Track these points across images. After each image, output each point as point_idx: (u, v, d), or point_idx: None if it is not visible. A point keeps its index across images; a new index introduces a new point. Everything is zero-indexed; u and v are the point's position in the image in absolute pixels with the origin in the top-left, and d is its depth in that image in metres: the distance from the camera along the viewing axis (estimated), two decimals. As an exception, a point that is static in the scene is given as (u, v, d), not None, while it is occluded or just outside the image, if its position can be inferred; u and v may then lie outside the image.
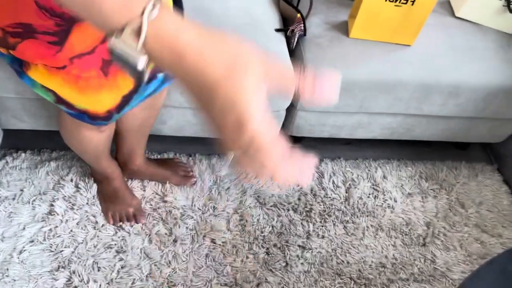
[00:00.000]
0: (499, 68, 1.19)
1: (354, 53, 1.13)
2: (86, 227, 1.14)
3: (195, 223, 1.19)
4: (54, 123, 1.16)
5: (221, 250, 1.15)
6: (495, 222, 1.35)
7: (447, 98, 1.19)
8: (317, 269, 1.16)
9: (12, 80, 1.00)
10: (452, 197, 1.39)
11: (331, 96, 0.41)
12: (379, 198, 1.34)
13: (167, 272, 1.09)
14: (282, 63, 0.40)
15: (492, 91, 1.20)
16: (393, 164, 1.45)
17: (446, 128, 1.34)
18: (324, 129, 1.27)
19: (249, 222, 1.21)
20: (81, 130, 0.90)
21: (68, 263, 1.08)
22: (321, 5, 1.24)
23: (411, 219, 1.30)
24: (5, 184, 1.20)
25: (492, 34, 1.26)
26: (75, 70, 0.67)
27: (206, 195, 1.25)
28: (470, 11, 1.27)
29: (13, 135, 1.28)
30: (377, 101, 1.17)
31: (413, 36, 1.15)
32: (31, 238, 1.10)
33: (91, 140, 0.95)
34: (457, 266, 1.22)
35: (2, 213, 1.14)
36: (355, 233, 1.24)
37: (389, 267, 1.19)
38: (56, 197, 1.18)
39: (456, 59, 1.17)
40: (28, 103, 1.09)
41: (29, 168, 1.24)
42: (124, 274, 1.07)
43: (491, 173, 1.50)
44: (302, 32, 1.14)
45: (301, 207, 1.27)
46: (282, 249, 1.18)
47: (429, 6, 1.07)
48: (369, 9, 1.09)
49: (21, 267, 1.06)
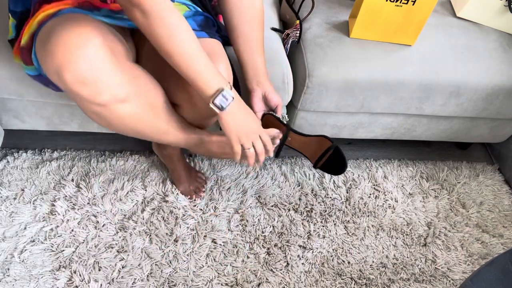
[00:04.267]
0: (500, 68, 1.19)
1: (354, 53, 1.13)
2: (87, 226, 1.14)
3: (196, 223, 1.19)
4: (54, 124, 1.16)
5: (221, 250, 1.15)
6: (496, 222, 1.35)
7: (448, 98, 1.19)
8: (318, 269, 1.16)
9: (14, 82, 1.01)
10: (453, 197, 1.39)
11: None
12: (380, 198, 1.34)
13: (168, 272, 1.09)
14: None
15: (493, 91, 1.20)
16: (394, 164, 1.45)
17: (447, 128, 1.34)
18: (324, 129, 1.27)
19: (250, 222, 1.21)
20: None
21: (69, 263, 1.08)
22: (321, 5, 1.24)
23: (412, 219, 1.30)
24: (6, 184, 1.20)
25: (493, 34, 1.26)
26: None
27: (207, 195, 1.25)
28: (471, 11, 1.27)
29: (15, 135, 1.29)
30: (378, 101, 1.17)
31: (414, 36, 1.15)
32: (32, 237, 1.11)
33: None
34: (458, 266, 1.22)
35: (3, 212, 1.14)
36: (356, 233, 1.24)
37: (390, 267, 1.19)
38: (57, 196, 1.18)
39: (457, 59, 1.17)
40: (29, 104, 1.09)
41: (30, 168, 1.24)
42: (125, 274, 1.08)
43: (492, 173, 1.50)
44: (296, 38, 1.15)
45: (302, 207, 1.27)
46: (283, 249, 1.18)
47: (430, 6, 1.07)
48: (370, 9, 1.09)
49: (22, 267, 1.06)
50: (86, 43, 0.69)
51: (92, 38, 0.70)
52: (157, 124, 0.89)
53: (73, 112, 1.13)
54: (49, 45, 0.69)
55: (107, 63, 0.72)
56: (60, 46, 0.68)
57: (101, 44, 0.71)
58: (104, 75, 0.72)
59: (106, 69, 0.72)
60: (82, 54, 0.69)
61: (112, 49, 0.74)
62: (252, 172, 1.33)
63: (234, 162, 1.35)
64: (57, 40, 0.69)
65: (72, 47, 0.68)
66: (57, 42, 0.69)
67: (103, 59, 0.71)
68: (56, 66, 0.69)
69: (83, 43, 0.69)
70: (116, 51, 0.75)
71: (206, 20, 0.94)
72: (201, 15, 0.93)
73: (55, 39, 0.69)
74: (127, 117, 0.82)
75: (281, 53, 1.12)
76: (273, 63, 1.07)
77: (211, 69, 0.80)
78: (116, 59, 0.74)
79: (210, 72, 0.79)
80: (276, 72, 1.07)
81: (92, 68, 0.70)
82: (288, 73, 1.10)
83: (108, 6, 0.82)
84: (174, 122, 0.93)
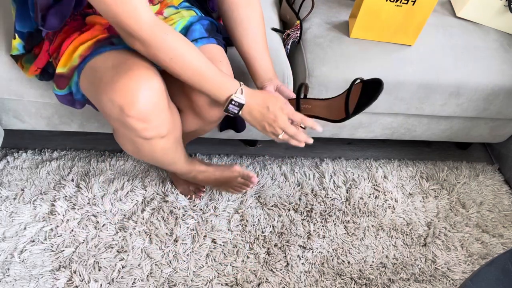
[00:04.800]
0: (500, 68, 1.19)
1: (354, 53, 1.13)
2: (87, 226, 1.14)
3: (195, 223, 1.19)
4: (54, 124, 1.16)
5: (221, 250, 1.15)
6: (496, 222, 1.35)
7: (448, 98, 1.19)
8: (317, 269, 1.16)
9: (14, 82, 1.01)
10: (453, 197, 1.39)
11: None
12: (380, 198, 1.34)
13: (167, 272, 1.09)
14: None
15: (493, 91, 1.20)
16: (394, 164, 1.45)
17: (447, 128, 1.34)
18: (325, 128, 1.27)
19: (250, 222, 1.21)
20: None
21: (69, 263, 1.08)
22: (321, 5, 1.24)
23: (412, 219, 1.30)
24: (6, 184, 1.20)
25: (493, 34, 1.26)
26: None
27: (207, 195, 1.25)
28: (471, 11, 1.27)
29: (15, 135, 1.29)
30: (378, 101, 1.17)
31: (414, 36, 1.15)
32: (32, 237, 1.11)
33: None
34: (458, 266, 1.22)
35: (3, 212, 1.14)
36: (356, 233, 1.24)
37: (390, 267, 1.19)
38: (57, 197, 1.18)
39: (457, 59, 1.17)
40: (29, 104, 1.09)
41: (30, 168, 1.24)
42: (125, 274, 1.08)
43: (492, 173, 1.50)
44: (296, 39, 1.15)
45: (301, 207, 1.27)
46: (283, 249, 1.18)
47: (430, 6, 1.07)
48: (370, 9, 1.09)
49: (22, 267, 1.06)
50: (151, 84, 0.77)
51: (154, 79, 0.78)
52: (175, 155, 0.98)
53: (73, 112, 1.13)
54: (110, 88, 0.76)
55: (164, 101, 0.81)
56: (122, 91, 0.76)
57: (160, 84, 0.79)
58: (161, 114, 0.81)
59: (163, 108, 0.81)
60: (148, 94, 0.77)
61: (164, 89, 0.82)
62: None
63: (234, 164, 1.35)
64: (118, 84, 0.76)
65: (140, 86, 0.76)
66: (119, 86, 0.76)
67: (162, 98, 0.80)
68: (121, 105, 0.76)
69: (148, 84, 0.77)
70: (164, 89, 0.82)
71: (211, 24, 0.96)
72: (206, 20, 0.95)
73: (115, 84, 0.76)
74: (159, 150, 0.90)
75: (281, 53, 1.12)
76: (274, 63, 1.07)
77: (219, 80, 0.83)
78: (167, 98, 0.83)
79: (219, 82, 0.83)
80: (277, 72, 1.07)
81: (154, 108, 0.79)
82: (288, 73, 1.10)
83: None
84: (183, 152, 1.02)
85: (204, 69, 0.81)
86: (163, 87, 0.81)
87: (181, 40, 0.79)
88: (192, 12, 0.95)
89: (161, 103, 0.80)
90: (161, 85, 0.80)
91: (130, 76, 0.76)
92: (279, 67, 1.08)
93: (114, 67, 0.79)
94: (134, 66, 0.78)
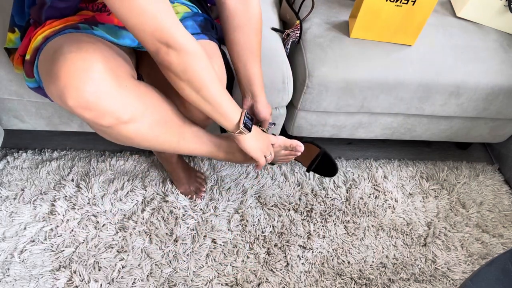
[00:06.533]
0: (500, 68, 1.19)
1: (355, 53, 1.13)
2: (87, 226, 1.14)
3: (196, 223, 1.19)
4: (54, 124, 1.16)
5: (221, 250, 1.15)
6: (496, 222, 1.35)
7: (448, 98, 1.19)
8: (317, 269, 1.16)
9: (14, 82, 1.01)
10: (453, 197, 1.39)
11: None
12: (380, 198, 1.34)
13: (167, 272, 1.09)
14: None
15: (493, 91, 1.20)
16: (394, 164, 1.45)
17: (447, 128, 1.34)
18: (324, 129, 1.27)
19: (250, 222, 1.21)
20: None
21: (69, 263, 1.08)
22: (321, 5, 1.24)
23: (412, 219, 1.30)
24: (6, 184, 1.20)
25: (493, 34, 1.26)
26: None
27: (207, 195, 1.25)
28: (471, 11, 1.27)
29: (14, 135, 1.29)
30: (378, 101, 1.17)
31: (414, 36, 1.15)
32: (32, 237, 1.11)
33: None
34: (458, 266, 1.22)
35: (3, 212, 1.14)
36: (356, 233, 1.24)
37: (390, 267, 1.19)
38: (57, 196, 1.18)
39: (457, 59, 1.17)
40: (29, 104, 1.09)
41: (30, 168, 1.24)
42: (125, 274, 1.08)
43: (492, 173, 1.50)
44: (296, 39, 1.15)
45: (301, 207, 1.27)
46: (283, 249, 1.18)
47: (430, 6, 1.07)
48: (370, 9, 1.09)
49: (22, 267, 1.06)
50: (89, 68, 0.68)
51: (95, 63, 0.69)
52: (166, 138, 0.88)
53: (73, 112, 1.13)
54: (53, 68, 0.69)
55: (110, 86, 0.71)
56: (62, 72, 0.68)
57: (104, 68, 0.70)
58: (107, 100, 0.72)
59: (108, 93, 0.71)
60: (85, 80, 0.68)
61: (115, 72, 0.73)
62: (252, 172, 1.33)
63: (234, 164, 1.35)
64: (61, 64, 0.68)
65: (75, 72, 0.68)
66: (60, 67, 0.68)
67: (105, 84, 0.70)
68: (59, 90, 0.68)
69: (86, 68, 0.68)
70: (119, 73, 0.74)
71: (205, 21, 0.94)
72: (200, 16, 0.94)
73: (58, 63, 0.68)
74: (133, 136, 0.82)
75: (281, 53, 1.12)
76: (273, 63, 1.07)
77: (232, 103, 0.86)
78: (119, 81, 0.73)
79: (231, 105, 0.85)
80: (276, 72, 1.07)
81: (95, 93, 0.70)
82: (288, 73, 1.10)
83: (113, 21, 0.82)
84: (188, 133, 0.92)
85: (222, 90, 0.83)
86: (112, 68, 0.72)
87: (210, 71, 0.79)
88: (186, 8, 0.93)
89: (108, 86, 0.70)
90: (108, 66, 0.71)
91: (75, 56, 0.68)
92: (279, 67, 1.08)
93: (59, 48, 0.70)
94: (85, 46, 0.70)
